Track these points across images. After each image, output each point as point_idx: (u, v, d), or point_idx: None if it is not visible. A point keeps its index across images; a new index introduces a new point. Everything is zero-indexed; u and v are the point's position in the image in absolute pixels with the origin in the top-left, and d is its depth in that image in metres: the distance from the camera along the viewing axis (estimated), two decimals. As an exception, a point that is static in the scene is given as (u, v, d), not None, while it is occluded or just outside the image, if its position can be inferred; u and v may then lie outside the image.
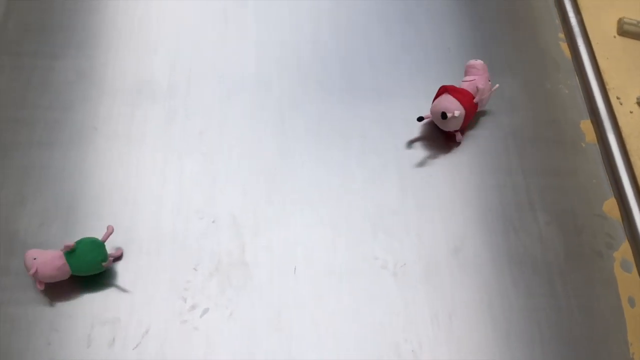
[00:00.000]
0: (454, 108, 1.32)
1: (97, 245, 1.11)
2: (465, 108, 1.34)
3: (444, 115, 1.34)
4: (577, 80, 1.61)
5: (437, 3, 1.70)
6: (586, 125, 1.53)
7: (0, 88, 1.41)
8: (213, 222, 1.29)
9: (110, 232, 1.13)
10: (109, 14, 1.56)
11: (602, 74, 1.59)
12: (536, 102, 1.55)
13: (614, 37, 1.68)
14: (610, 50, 1.65)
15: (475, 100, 1.37)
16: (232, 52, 1.53)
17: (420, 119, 1.38)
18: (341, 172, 1.39)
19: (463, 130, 1.41)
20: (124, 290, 1.19)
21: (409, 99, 1.51)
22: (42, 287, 1.10)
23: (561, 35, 1.69)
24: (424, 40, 1.63)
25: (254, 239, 1.29)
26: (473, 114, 1.39)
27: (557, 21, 1.71)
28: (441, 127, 1.39)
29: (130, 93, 1.44)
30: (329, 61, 1.56)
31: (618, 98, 1.55)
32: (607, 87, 1.57)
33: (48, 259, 1.08)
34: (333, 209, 1.34)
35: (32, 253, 1.10)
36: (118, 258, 1.19)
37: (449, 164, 1.43)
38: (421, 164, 1.42)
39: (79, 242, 1.11)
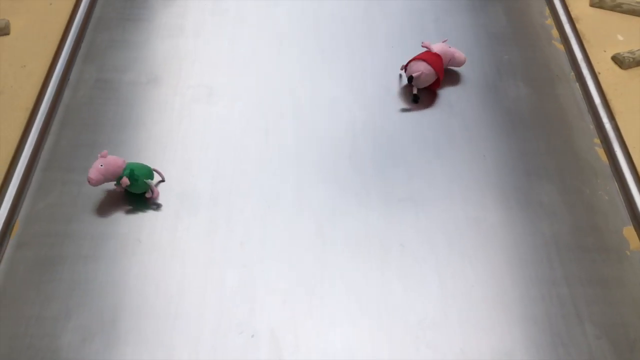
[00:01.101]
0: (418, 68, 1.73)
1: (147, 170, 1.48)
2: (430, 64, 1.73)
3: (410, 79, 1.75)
4: (617, 186, 1.60)
5: (471, 111, 1.74)
6: (629, 232, 1.50)
7: (52, 203, 1.47)
8: (252, 336, 1.28)
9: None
10: (156, 129, 1.64)
11: (642, 179, 1.58)
12: (576, 208, 1.54)
13: (651, 141, 1.69)
14: (648, 154, 1.65)
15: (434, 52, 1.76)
16: (272, 165, 1.58)
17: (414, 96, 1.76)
18: (381, 283, 1.38)
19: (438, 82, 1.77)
20: (162, 409, 1.18)
21: (447, 207, 1.52)
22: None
23: (596, 140, 1.70)
24: (459, 148, 1.66)
25: (294, 354, 1.26)
26: (439, 65, 1.75)
27: (592, 127, 1.73)
28: (415, 84, 1.75)
29: (173, 204, 1.48)
30: (366, 171, 1.59)
31: (660, 204, 1.53)
32: (648, 192, 1.56)
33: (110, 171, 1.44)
34: (373, 321, 1.32)
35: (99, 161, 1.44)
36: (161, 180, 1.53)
37: (490, 275, 1.40)
38: (462, 274, 1.40)
39: (131, 173, 1.44)
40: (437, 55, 1.76)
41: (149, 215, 1.46)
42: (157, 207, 1.48)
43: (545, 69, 1.88)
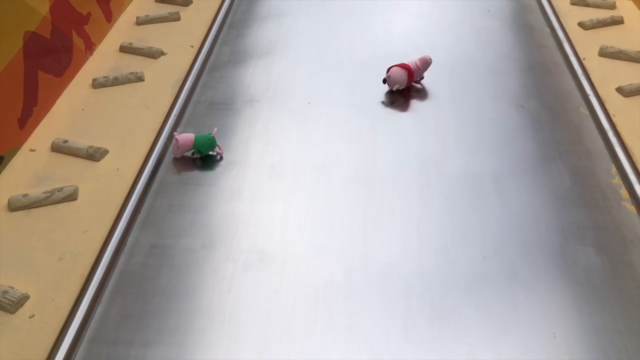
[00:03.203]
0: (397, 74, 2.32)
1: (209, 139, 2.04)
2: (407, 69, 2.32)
3: (384, 81, 2.35)
4: None
5: (537, 281, 1.61)
6: None
7: (93, 380, 1.43)
8: None
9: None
10: (205, 299, 1.61)
11: None
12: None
13: None
14: None
15: (412, 68, 2.33)
16: (320, 339, 1.50)
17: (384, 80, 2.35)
18: None
19: (408, 87, 2.36)
20: None
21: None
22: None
23: (684, 316, 1.52)
24: (525, 323, 1.52)
25: None
26: (412, 77, 2.34)
27: (676, 300, 1.56)
28: (390, 85, 2.32)
29: (216, 384, 1.41)
30: (423, 348, 1.47)
31: None
32: None
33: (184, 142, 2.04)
34: None
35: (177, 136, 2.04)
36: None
37: None
38: None
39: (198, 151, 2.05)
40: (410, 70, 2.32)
41: (189, 396, 1.39)
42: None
43: (616, 234, 1.75)
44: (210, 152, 2.05)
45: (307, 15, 2.87)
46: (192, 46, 2.62)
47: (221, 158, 2.05)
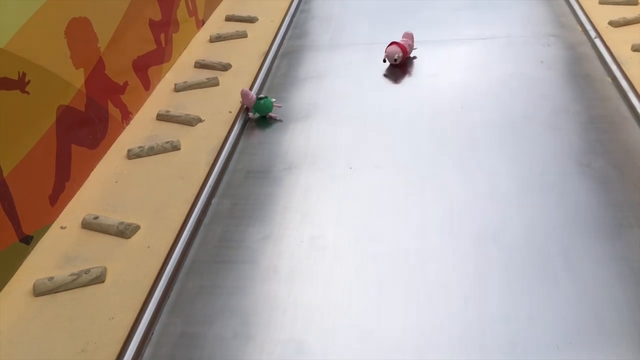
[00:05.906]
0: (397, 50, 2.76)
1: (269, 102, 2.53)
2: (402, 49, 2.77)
3: (391, 59, 2.76)
4: None
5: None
6: None
7: None
8: None
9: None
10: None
11: None
12: None
13: None
14: None
15: (406, 47, 2.79)
16: None
17: (384, 60, 2.78)
18: None
19: (404, 63, 2.80)
20: None
21: None
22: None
23: None
24: None
25: None
26: (407, 53, 2.79)
27: None
28: (391, 61, 2.76)
29: None
30: None
31: None
32: None
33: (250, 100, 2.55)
34: None
35: (244, 92, 2.56)
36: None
37: None
38: None
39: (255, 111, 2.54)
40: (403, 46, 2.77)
41: None
42: None
43: None
44: (268, 114, 2.49)
45: (347, 75, 2.76)
46: (230, 112, 2.53)
47: (272, 118, 2.49)
